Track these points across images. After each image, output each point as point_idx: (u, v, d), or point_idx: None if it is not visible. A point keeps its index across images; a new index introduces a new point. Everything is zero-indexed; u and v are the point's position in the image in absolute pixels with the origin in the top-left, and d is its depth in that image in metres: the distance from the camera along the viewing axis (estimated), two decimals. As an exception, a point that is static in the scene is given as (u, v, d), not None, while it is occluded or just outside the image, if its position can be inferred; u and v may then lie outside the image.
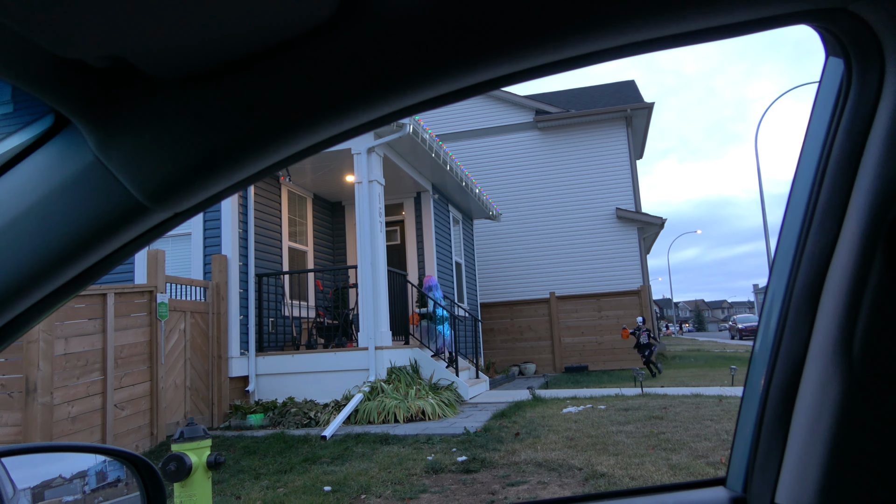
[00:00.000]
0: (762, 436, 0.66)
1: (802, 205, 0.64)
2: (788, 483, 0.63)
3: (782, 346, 0.64)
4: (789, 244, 0.65)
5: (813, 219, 0.62)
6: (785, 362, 0.64)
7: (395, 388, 8.21)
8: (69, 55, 0.44)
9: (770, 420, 0.65)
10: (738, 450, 0.71)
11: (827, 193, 0.61)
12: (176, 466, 3.55)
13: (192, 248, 8.90)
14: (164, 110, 0.50)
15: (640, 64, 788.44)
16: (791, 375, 0.63)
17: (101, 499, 1.35)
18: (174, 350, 7.70)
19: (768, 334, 0.66)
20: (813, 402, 0.62)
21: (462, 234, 14.88)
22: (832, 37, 0.56)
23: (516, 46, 0.47)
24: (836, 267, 0.60)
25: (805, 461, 0.62)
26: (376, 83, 0.48)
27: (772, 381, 0.65)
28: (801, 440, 0.63)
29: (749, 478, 0.68)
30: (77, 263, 0.55)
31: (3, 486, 1.10)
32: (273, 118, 0.50)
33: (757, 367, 0.69)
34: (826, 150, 0.61)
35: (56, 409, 5.87)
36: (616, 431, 6.46)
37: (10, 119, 9.23)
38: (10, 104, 9.18)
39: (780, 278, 0.66)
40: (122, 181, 0.52)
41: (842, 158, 0.60)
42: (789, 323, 0.64)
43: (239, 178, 0.54)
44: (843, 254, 0.60)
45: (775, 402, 0.65)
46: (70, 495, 1.31)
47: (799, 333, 0.63)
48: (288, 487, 5.04)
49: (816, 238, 0.62)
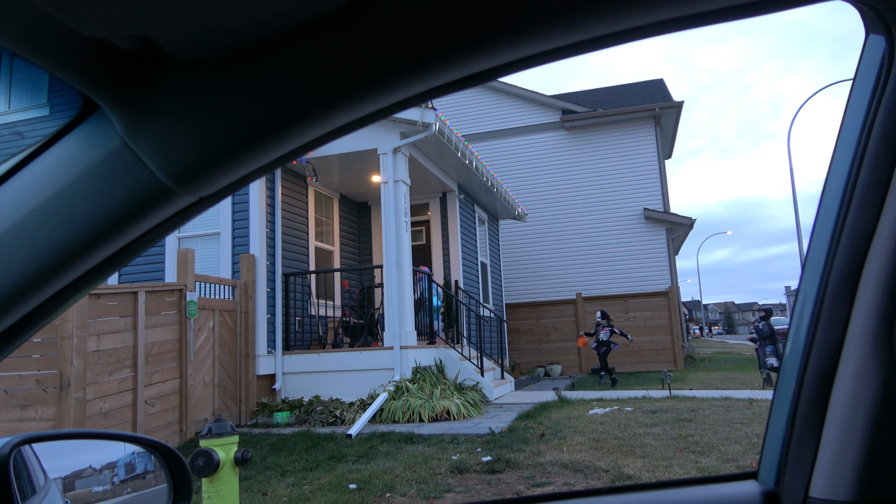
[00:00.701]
0: (795, 429, 0.64)
1: (840, 189, 0.61)
2: (824, 476, 0.61)
3: (817, 337, 0.62)
4: (825, 230, 0.63)
5: (851, 202, 0.59)
6: (820, 353, 0.62)
7: (420, 387, 8.22)
8: (95, 34, 0.44)
9: (804, 413, 0.63)
10: (770, 443, 0.69)
11: (867, 175, 0.58)
12: (204, 462, 3.59)
13: (221, 247, 9.03)
14: (189, 94, 0.50)
15: (672, 61, 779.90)
16: (826, 367, 0.61)
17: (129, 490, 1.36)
18: (203, 348, 7.81)
19: (802, 326, 0.64)
20: (850, 393, 0.59)
21: (487, 235, 14.85)
22: (873, 12, 0.53)
23: (533, 28, 0.46)
24: (875, 251, 0.58)
25: (841, 454, 0.60)
26: (395, 67, 0.48)
27: (805, 372, 0.63)
28: (837, 432, 0.60)
29: (782, 471, 0.66)
30: (105, 247, 0.55)
31: (34, 475, 1.11)
32: (295, 102, 0.49)
33: (790, 361, 0.66)
34: (866, 129, 0.59)
35: (88, 404, 5.99)
36: (643, 433, 6.38)
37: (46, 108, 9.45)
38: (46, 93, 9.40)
39: (815, 267, 0.63)
40: (148, 165, 0.52)
41: (883, 137, 0.57)
42: (825, 313, 0.61)
43: (263, 161, 0.54)
44: (883, 238, 0.57)
45: (809, 395, 0.62)
46: (100, 485, 1.33)
47: (835, 323, 0.60)
48: (313, 485, 5.07)
49: (855, 222, 0.59)
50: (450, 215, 12.15)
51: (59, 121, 8.77)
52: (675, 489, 0.71)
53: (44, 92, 9.87)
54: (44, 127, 9.68)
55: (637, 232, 17.39)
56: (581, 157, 18.23)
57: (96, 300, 6.28)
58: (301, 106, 0.51)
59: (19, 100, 10.29)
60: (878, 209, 0.58)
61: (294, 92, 0.50)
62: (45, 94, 9.89)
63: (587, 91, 22.52)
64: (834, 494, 0.60)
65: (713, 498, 0.68)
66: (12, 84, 10.18)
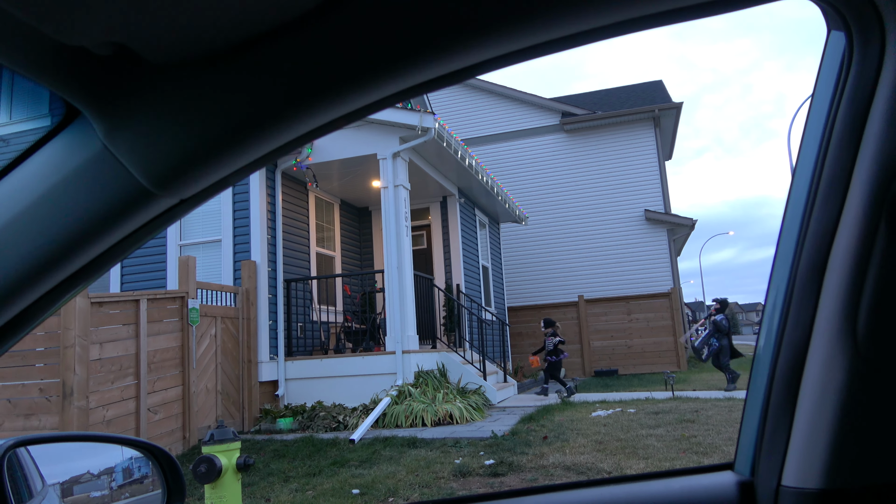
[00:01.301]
0: (768, 419, 0.65)
1: (806, 183, 0.62)
2: (795, 465, 0.62)
3: (787, 327, 0.63)
4: (793, 226, 0.64)
5: (817, 196, 0.61)
6: (790, 343, 0.63)
7: (422, 391, 8.22)
8: (72, 42, 0.45)
9: (776, 403, 0.64)
10: (745, 434, 0.70)
11: (830, 169, 0.60)
12: (206, 468, 3.60)
13: (223, 254, 9.05)
14: (166, 97, 0.51)
15: (674, 61, 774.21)
16: (796, 356, 0.62)
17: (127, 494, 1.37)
18: (205, 355, 7.82)
19: (773, 319, 0.65)
20: (818, 382, 0.60)
21: (489, 238, 14.86)
22: (834, 10, 0.55)
23: (508, 26, 0.47)
24: (839, 244, 0.59)
25: (811, 442, 0.61)
26: (370, 67, 0.49)
27: (777, 362, 0.64)
28: (806, 421, 0.61)
29: (756, 461, 0.67)
30: (90, 249, 0.57)
31: (31, 479, 1.12)
32: (270, 103, 0.50)
33: (763, 353, 0.67)
34: (829, 125, 0.60)
35: (91, 412, 6.00)
36: (646, 435, 6.37)
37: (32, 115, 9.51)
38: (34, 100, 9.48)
39: (784, 261, 0.65)
40: (128, 168, 0.53)
41: (844, 133, 0.59)
42: (794, 303, 0.62)
43: (243, 162, 0.55)
44: (846, 230, 0.58)
45: (781, 385, 0.64)
46: (97, 490, 1.34)
47: (804, 313, 0.61)
48: (317, 490, 5.08)
49: (820, 215, 0.60)
50: (450, 219, 12.16)
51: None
52: (654, 481, 0.72)
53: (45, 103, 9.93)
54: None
55: (638, 233, 17.39)
56: (581, 159, 18.24)
57: (98, 308, 6.29)
58: (277, 106, 0.52)
59: (20, 111, 10.36)
60: (841, 203, 0.59)
61: (270, 93, 0.51)
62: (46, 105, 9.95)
63: (586, 93, 22.56)
64: (805, 482, 0.61)
65: (690, 489, 0.69)
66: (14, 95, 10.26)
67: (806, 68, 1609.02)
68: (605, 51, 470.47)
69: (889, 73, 0.56)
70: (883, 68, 0.56)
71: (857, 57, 0.58)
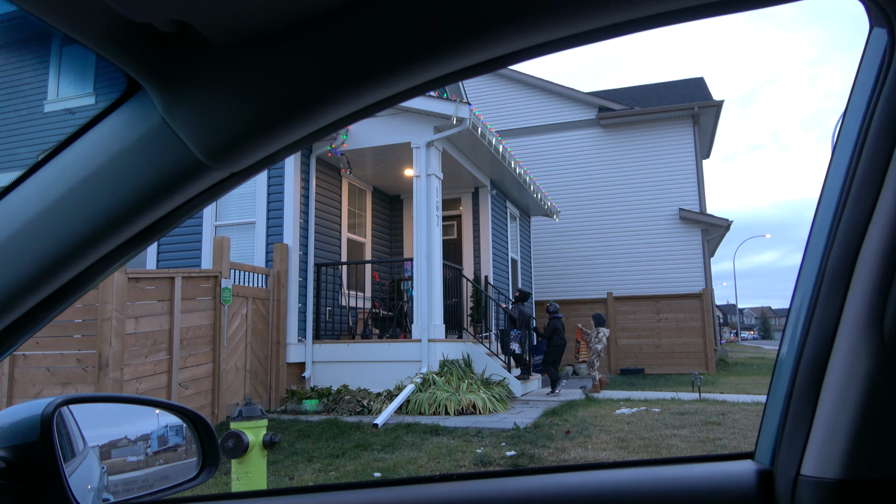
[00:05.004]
0: (791, 409, 0.66)
1: (841, 177, 0.63)
2: (815, 455, 0.63)
3: (814, 319, 0.64)
4: (825, 221, 0.64)
5: (850, 190, 0.61)
6: (816, 335, 0.63)
7: (446, 380, 8.27)
8: (140, 18, 0.48)
9: (799, 393, 0.65)
10: (767, 424, 0.71)
11: (865, 164, 0.60)
12: (234, 443, 3.70)
13: (256, 236, 9.20)
14: (223, 75, 0.54)
15: (732, 50, 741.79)
16: (822, 348, 0.63)
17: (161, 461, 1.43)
18: (236, 334, 7.98)
19: (801, 312, 0.66)
20: (842, 374, 0.61)
21: (519, 231, 14.82)
22: (876, 6, 0.55)
23: (533, 18, 0.48)
24: (871, 238, 0.60)
25: (832, 433, 0.62)
26: (409, 54, 0.51)
27: (802, 354, 0.65)
28: (829, 412, 0.62)
29: (777, 451, 0.68)
30: (144, 217, 0.60)
31: (74, 439, 1.18)
32: (317, 84, 0.53)
33: (789, 343, 0.68)
34: (866, 122, 0.60)
35: (125, 384, 6.18)
36: (670, 435, 6.32)
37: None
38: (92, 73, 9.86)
39: (814, 252, 0.65)
40: (185, 141, 0.56)
41: (881, 131, 0.59)
42: (822, 296, 0.63)
43: (290, 139, 0.58)
44: (878, 225, 0.59)
45: (805, 376, 0.64)
46: (134, 455, 1.40)
47: (831, 306, 0.62)
48: (339, 471, 5.16)
49: (853, 209, 0.61)
50: (481, 210, 12.15)
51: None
52: (674, 466, 0.74)
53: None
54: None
55: (671, 232, 17.15)
56: (616, 155, 18.03)
57: (135, 284, 6.47)
58: (323, 88, 0.54)
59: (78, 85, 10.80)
60: (874, 201, 0.60)
61: (317, 74, 0.53)
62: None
63: (624, 88, 22.25)
64: (824, 472, 0.62)
65: (710, 475, 0.70)
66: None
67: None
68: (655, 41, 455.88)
69: None
70: None
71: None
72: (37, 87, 10.91)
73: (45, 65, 10.64)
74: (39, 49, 10.80)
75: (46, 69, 10.64)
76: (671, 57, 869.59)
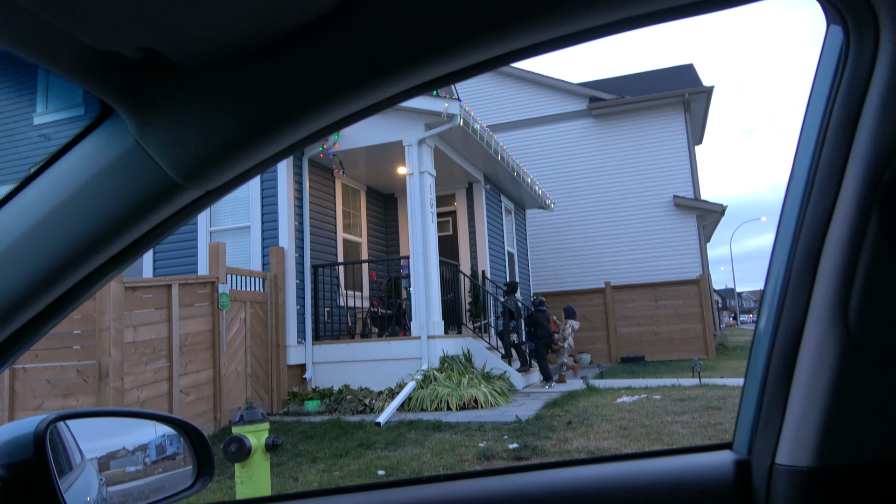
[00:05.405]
0: (765, 400, 0.68)
1: (805, 171, 0.64)
2: (788, 444, 0.65)
3: (784, 311, 0.65)
4: (792, 212, 0.66)
5: (814, 184, 0.63)
6: (787, 327, 0.65)
7: (447, 376, 8.30)
8: (106, 48, 0.50)
9: (772, 384, 0.67)
10: (744, 415, 0.72)
11: (827, 158, 0.62)
12: (236, 448, 3.71)
13: (251, 240, 9.20)
14: (193, 96, 0.55)
15: (726, 34, 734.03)
16: (792, 340, 0.64)
17: (160, 470, 1.45)
18: (235, 339, 7.99)
19: (773, 301, 0.67)
20: (811, 365, 0.63)
21: (514, 225, 14.83)
22: (831, 6, 0.56)
23: (513, 23, 0.49)
24: (834, 231, 0.61)
25: (803, 422, 0.63)
26: (381, 66, 0.52)
27: (774, 345, 0.66)
28: (800, 402, 0.64)
29: (753, 441, 0.69)
30: (122, 239, 0.61)
31: (71, 453, 1.19)
32: (287, 102, 0.54)
33: (762, 334, 0.69)
34: (827, 115, 0.62)
35: (126, 393, 6.19)
36: (671, 422, 6.36)
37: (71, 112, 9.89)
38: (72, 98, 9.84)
39: (783, 246, 0.67)
40: (159, 162, 0.57)
41: (840, 124, 0.61)
42: (791, 288, 0.65)
43: (265, 156, 0.59)
44: (841, 217, 0.61)
45: (777, 367, 0.66)
46: (133, 466, 1.41)
47: (799, 298, 0.64)
48: (343, 471, 5.19)
49: (817, 204, 0.62)
50: (476, 206, 12.16)
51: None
52: (655, 459, 0.75)
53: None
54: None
55: (666, 219, 17.17)
56: (609, 144, 18.04)
57: (132, 293, 6.47)
58: (296, 105, 0.55)
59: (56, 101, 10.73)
60: (836, 192, 0.61)
61: (289, 92, 0.54)
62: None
63: (614, 78, 22.24)
64: (797, 461, 0.63)
65: (689, 467, 0.72)
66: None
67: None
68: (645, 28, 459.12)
69: (883, 66, 0.58)
70: (877, 62, 0.58)
71: (853, 50, 0.59)
72: (17, 111, 10.94)
73: (26, 89, 10.66)
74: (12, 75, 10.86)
75: (28, 93, 10.64)
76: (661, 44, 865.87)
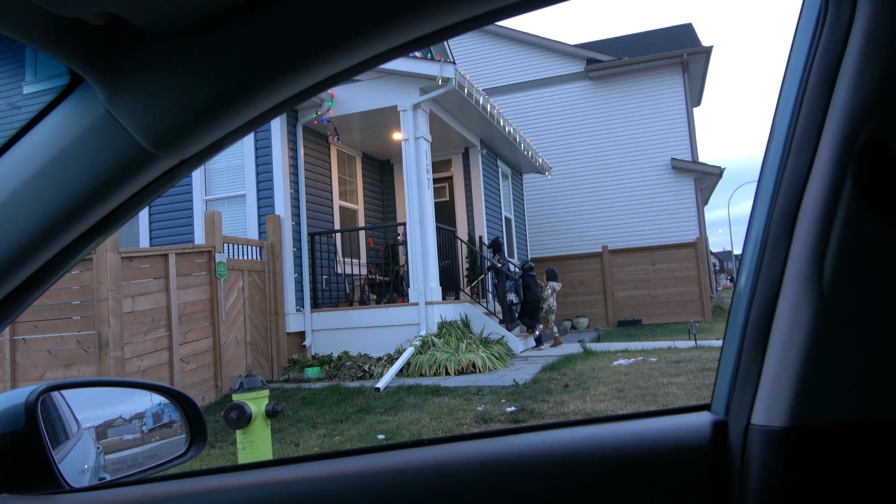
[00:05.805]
0: (742, 361, 0.69)
1: (784, 131, 0.64)
2: (763, 405, 0.66)
3: (761, 272, 0.66)
4: (771, 175, 0.66)
5: (792, 146, 0.63)
6: (764, 289, 0.66)
7: (445, 341, 8.37)
8: (67, 13, 0.48)
9: (749, 345, 0.67)
10: (722, 375, 0.73)
11: (804, 120, 0.62)
12: (237, 415, 3.76)
13: (247, 208, 9.17)
14: (162, 63, 0.54)
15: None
16: (768, 301, 0.65)
17: (157, 438, 1.46)
18: (234, 307, 8.03)
19: (751, 261, 0.68)
20: (786, 326, 0.64)
21: (511, 190, 14.78)
22: None
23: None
24: (809, 195, 0.62)
25: (778, 383, 0.64)
26: (351, 29, 0.51)
27: (752, 307, 0.67)
28: (775, 364, 0.65)
29: (730, 402, 0.70)
30: (97, 210, 0.60)
31: (67, 423, 1.20)
32: (255, 68, 0.53)
33: (740, 294, 0.70)
34: (805, 77, 0.62)
35: (127, 362, 6.25)
36: (667, 383, 6.44)
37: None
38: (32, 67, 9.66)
39: (762, 209, 0.67)
40: (129, 131, 0.56)
41: (817, 87, 0.61)
42: (768, 250, 0.65)
43: (236, 124, 0.58)
44: (817, 179, 0.61)
45: (754, 328, 0.67)
46: (129, 434, 1.43)
47: (776, 260, 0.64)
48: (344, 436, 5.27)
49: (794, 165, 0.63)
50: (473, 171, 12.10)
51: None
52: (633, 421, 0.76)
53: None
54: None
55: (664, 183, 17.12)
56: (606, 107, 17.86)
57: (129, 263, 6.47)
58: (267, 70, 0.54)
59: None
60: (812, 155, 0.61)
61: (259, 57, 0.53)
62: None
63: (612, 39, 21.91)
64: (772, 421, 0.65)
65: (667, 428, 0.73)
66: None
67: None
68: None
69: (859, 29, 0.57)
70: (853, 24, 0.58)
71: (830, 13, 0.59)
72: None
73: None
74: None
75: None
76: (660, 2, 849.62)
